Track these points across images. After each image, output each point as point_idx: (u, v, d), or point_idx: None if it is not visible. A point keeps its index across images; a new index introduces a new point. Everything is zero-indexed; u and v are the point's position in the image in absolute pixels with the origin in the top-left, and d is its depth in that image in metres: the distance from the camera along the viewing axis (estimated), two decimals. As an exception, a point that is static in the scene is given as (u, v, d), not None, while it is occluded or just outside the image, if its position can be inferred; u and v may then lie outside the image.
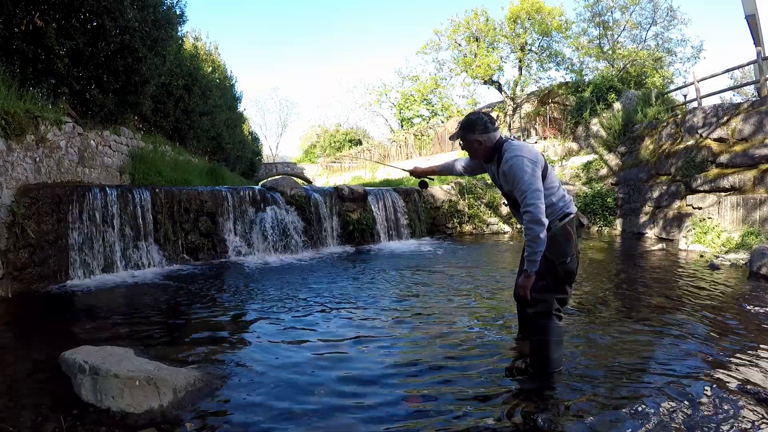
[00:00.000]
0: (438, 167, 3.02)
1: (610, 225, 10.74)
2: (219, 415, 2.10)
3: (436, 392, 2.32)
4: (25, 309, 4.17)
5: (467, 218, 10.87)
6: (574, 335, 3.14)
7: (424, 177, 3.05)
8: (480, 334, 3.22)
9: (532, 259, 2.27)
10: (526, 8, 16.39)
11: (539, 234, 2.20)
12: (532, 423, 2.01)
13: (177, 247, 6.40)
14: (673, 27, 16.71)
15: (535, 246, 2.23)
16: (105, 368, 2.21)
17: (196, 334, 3.36)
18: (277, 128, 62.49)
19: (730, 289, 4.60)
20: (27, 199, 4.85)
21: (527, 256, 2.30)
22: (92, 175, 6.68)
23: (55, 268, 5.06)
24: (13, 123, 4.75)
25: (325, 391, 2.34)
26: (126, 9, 6.80)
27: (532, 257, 2.27)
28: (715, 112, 8.49)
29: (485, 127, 2.38)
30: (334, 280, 5.36)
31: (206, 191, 6.99)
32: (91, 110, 7.28)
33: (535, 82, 18.00)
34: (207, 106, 13.52)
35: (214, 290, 4.78)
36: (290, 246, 7.37)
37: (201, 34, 16.97)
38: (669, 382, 2.37)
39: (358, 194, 8.85)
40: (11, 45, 5.86)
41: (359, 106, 49.07)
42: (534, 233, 2.21)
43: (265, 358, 2.82)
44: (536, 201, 2.19)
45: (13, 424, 1.98)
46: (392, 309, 3.97)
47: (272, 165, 36.82)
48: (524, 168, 2.23)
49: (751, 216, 7.04)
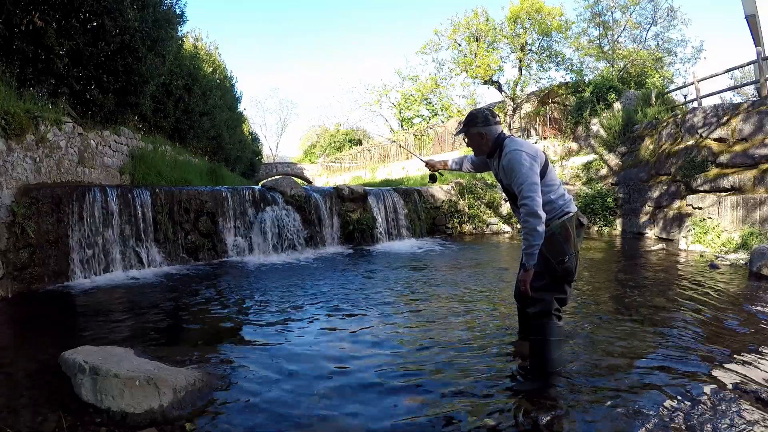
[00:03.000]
0: (450, 162, 3.04)
1: (610, 225, 10.74)
2: (219, 416, 2.10)
3: (435, 392, 2.32)
4: (25, 309, 4.17)
5: (467, 218, 10.87)
6: (574, 335, 3.14)
7: (437, 170, 3.08)
8: (480, 334, 3.22)
9: (529, 252, 2.28)
10: (526, 8, 16.38)
11: (536, 227, 2.20)
12: (532, 423, 2.01)
13: (177, 247, 6.40)
14: (673, 27, 16.70)
15: (532, 239, 2.23)
16: (105, 368, 2.21)
17: (196, 334, 3.36)
18: (277, 128, 62.62)
19: (730, 289, 4.60)
20: (27, 199, 4.86)
21: (524, 250, 2.30)
22: (92, 175, 6.68)
23: (55, 268, 5.06)
24: (13, 123, 4.75)
25: (325, 391, 2.33)
26: (126, 9, 6.80)
27: (529, 250, 2.27)
28: (715, 112, 8.49)
29: (486, 120, 2.45)
30: (334, 280, 5.36)
31: (206, 191, 6.99)
32: (91, 110, 7.28)
33: (535, 82, 18.01)
34: (207, 106, 13.51)
35: (214, 290, 4.78)
36: (290, 246, 7.37)
37: (201, 34, 16.92)
38: (669, 382, 2.37)
39: (358, 194, 8.85)
40: (11, 45, 5.86)
41: (359, 106, 49.19)
42: (531, 226, 2.21)
43: (265, 358, 2.82)
44: (533, 194, 2.21)
45: (13, 424, 1.98)
46: (392, 309, 3.97)
47: (272, 165, 36.78)
48: (522, 161, 2.26)
49: (751, 216, 7.03)
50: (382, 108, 32.63)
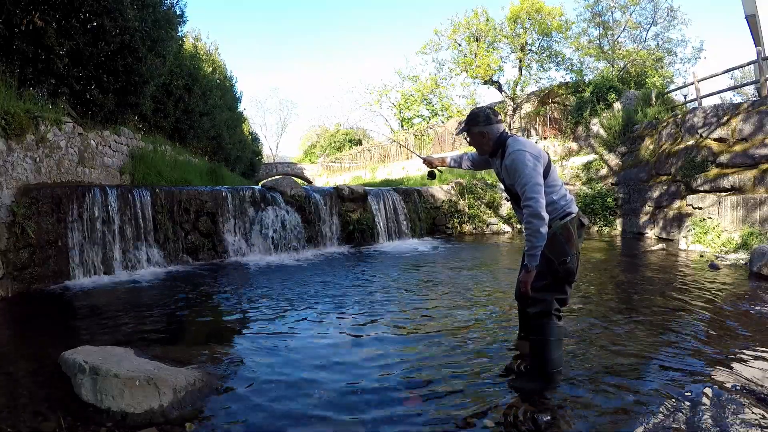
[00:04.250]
0: (449, 159, 3.03)
1: (610, 225, 10.75)
2: (219, 416, 2.10)
3: (435, 392, 2.32)
4: (25, 309, 4.17)
5: (467, 218, 10.87)
6: (574, 335, 3.14)
7: (436, 167, 3.05)
8: (480, 334, 3.22)
9: (532, 254, 2.26)
10: (526, 8, 16.39)
11: (539, 228, 2.20)
12: (532, 423, 2.01)
13: (177, 247, 6.40)
14: (673, 27, 16.70)
15: (535, 240, 2.22)
16: (105, 368, 2.21)
17: (196, 334, 3.36)
18: (277, 128, 62.68)
19: (731, 289, 4.60)
20: (27, 199, 4.86)
21: (527, 251, 2.29)
22: (92, 175, 6.67)
23: (55, 268, 5.06)
24: (13, 123, 4.75)
25: (325, 392, 2.33)
26: (126, 9, 6.80)
27: (532, 251, 2.26)
28: (715, 112, 8.49)
29: (488, 119, 2.44)
30: (335, 280, 5.36)
31: (206, 191, 6.99)
32: (91, 110, 7.28)
33: (535, 82, 18.02)
34: (207, 106, 13.52)
35: (214, 290, 4.78)
36: (290, 246, 7.37)
37: (201, 34, 16.93)
38: (669, 382, 2.37)
39: (358, 194, 8.85)
40: (11, 45, 5.86)
41: (359, 106, 49.21)
42: (534, 227, 2.20)
43: (265, 358, 2.82)
44: (536, 195, 2.19)
45: (13, 424, 1.98)
46: (392, 309, 3.97)
47: (272, 165, 36.77)
48: (526, 162, 2.24)
49: (751, 216, 7.03)
50: (382, 108, 32.64)
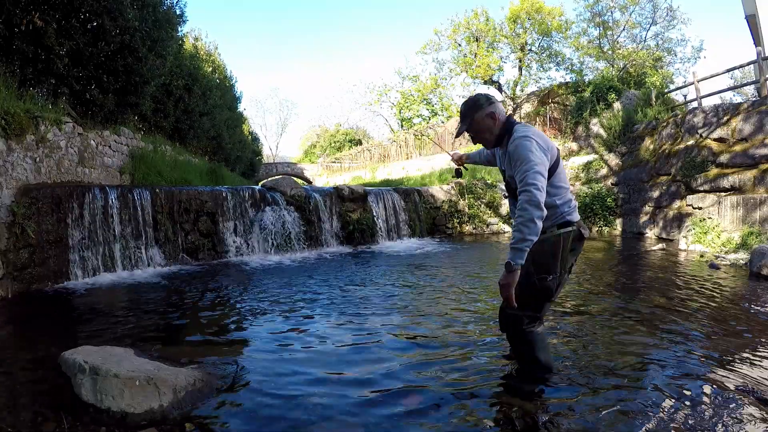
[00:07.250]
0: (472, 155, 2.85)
1: (610, 225, 10.75)
2: (219, 416, 2.10)
3: (435, 393, 2.32)
4: (25, 309, 4.17)
5: (467, 218, 10.87)
6: (574, 335, 3.14)
7: (463, 165, 2.91)
8: (480, 334, 3.22)
9: (518, 247, 1.90)
10: (526, 8, 16.41)
11: (533, 216, 1.87)
12: (532, 423, 2.01)
13: (177, 247, 6.40)
14: (673, 27, 16.73)
15: (527, 231, 1.88)
16: (105, 368, 2.21)
17: (196, 334, 3.35)
18: (277, 128, 62.74)
19: (731, 289, 4.60)
20: (27, 199, 4.85)
21: (513, 243, 1.93)
22: (92, 175, 6.67)
23: (55, 268, 5.06)
24: (13, 123, 4.75)
25: (325, 391, 2.33)
26: (126, 9, 6.80)
27: (519, 245, 1.90)
28: (715, 112, 8.49)
29: (489, 100, 2.23)
30: (334, 280, 5.36)
31: (206, 191, 6.99)
32: (91, 110, 7.28)
33: (535, 82, 18.06)
34: (207, 106, 13.52)
35: (214, 290, 4.78)
36: (290, 246, 7.37)
37: (201, 34, 16.92)
38: (669, 382, 2.37)
39: (358, 194, 8.85)
40: (11, 45, 5.86)
41: (359, 106, 49.18)
42: (528, 215, 1.88)
43: (265, 358, 2.81)
44: (537, 182, 1.92)
45: (13, 424, 1.98)
46: (392, 309, 3.97)
47: (272, 165, 36.76)
48: (531, 148, 2.01)
49: (751, 216, 7.03)
50: (382, 108, 32.63)
